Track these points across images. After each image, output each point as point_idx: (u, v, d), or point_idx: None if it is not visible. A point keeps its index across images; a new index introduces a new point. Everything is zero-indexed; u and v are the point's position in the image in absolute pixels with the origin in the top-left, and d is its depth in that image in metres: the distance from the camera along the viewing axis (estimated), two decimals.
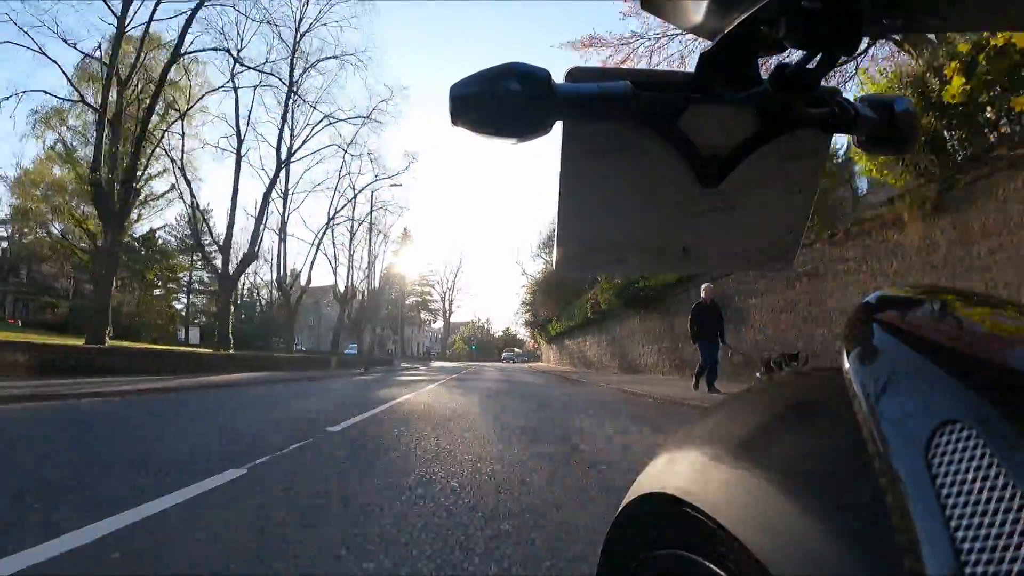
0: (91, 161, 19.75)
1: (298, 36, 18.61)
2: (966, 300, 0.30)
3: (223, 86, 18.58)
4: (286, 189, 20.37)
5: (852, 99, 0.41)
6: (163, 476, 2.45)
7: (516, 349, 65.70)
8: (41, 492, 2.16)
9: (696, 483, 0.35)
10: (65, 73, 15.01)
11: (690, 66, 0.39)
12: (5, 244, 33.73)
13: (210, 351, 14.65)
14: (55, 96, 16.84)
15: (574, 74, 0.37)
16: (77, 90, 15.46)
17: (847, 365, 0.28)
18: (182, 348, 13.91)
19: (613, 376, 14.23)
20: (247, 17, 16.66)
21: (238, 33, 17.19)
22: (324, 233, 22.74)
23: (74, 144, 24.38)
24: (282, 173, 19.86)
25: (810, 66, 0.35)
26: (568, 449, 3.50)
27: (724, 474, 0.33)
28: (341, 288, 26.44)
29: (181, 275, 29.88)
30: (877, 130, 0.41)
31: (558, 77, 0.36)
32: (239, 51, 15.32)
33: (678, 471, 0.37)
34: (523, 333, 58.08)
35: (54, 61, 14.88)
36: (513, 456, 3.23)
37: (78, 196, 23.07)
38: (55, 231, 25.82)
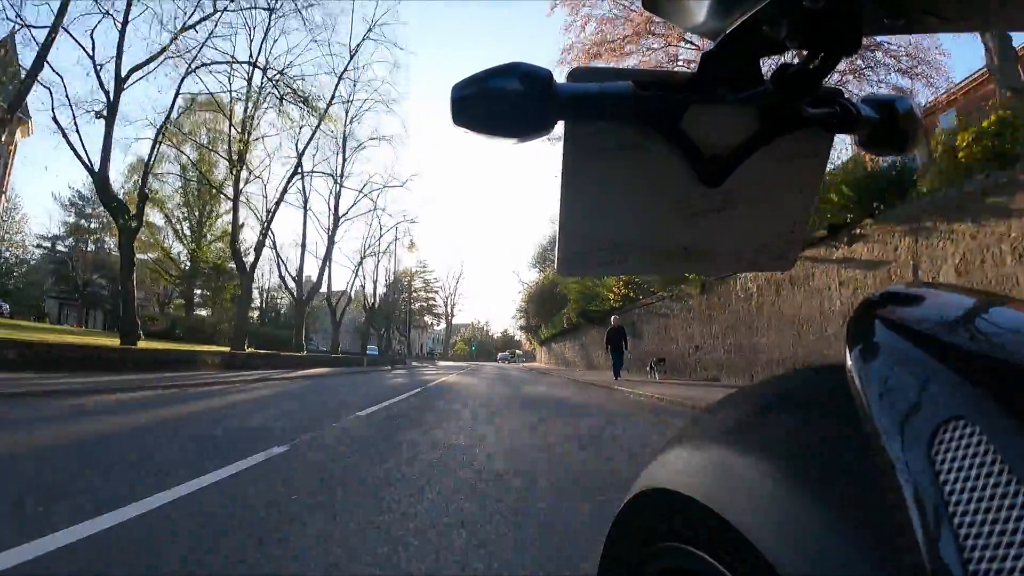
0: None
1: (346, 129, 24.73)
2: (969, 297, 0.30)
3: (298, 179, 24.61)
4: (333, 237, 26.68)
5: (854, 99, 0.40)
6: (395, 393, 8.63)
7: (517, 351, 69.99)
8: (354, 401, 8.38)
9: (699, 478, 0.35)
10: (210, 182, 21.80)
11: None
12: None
13: (291, 353, 20.84)
14: (212, 187, 23.31)
15: (576, 74, 0.38)
16: (216, 188, 22.13)
17: (850, 362, 0.28)
18: (282, 352, 20.07)
19: (576, 371, 20.42)
20: (331, 136, 22.76)
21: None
22: (360, 264, 29.41)
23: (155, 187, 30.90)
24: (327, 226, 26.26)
25: (812, 66, 0.35)
26: (517, 390, 9.70)
27: (727, 469, 0.33)
28: (362, 299, 32.87)
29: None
30: (879, 130, 0.41)
31: (559, 77, 0.36)
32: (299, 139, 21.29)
33: (681, 466, 0.38)
34: (519, 336, 64.29)
35: (195, 165, 21.42)
36: (498, 391, 9.42)
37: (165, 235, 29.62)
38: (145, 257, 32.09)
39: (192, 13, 14.63)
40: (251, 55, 17.14)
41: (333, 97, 20.74)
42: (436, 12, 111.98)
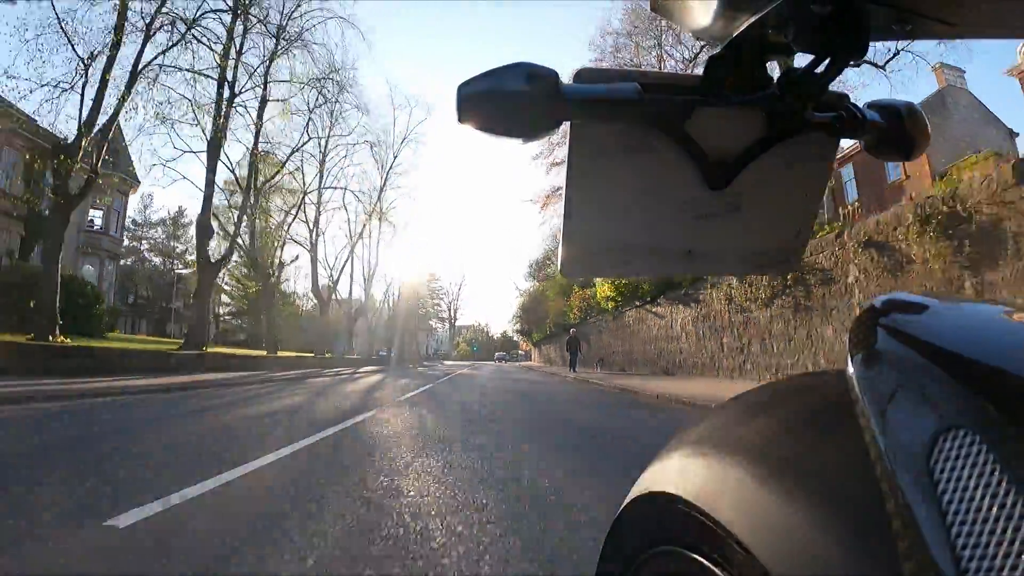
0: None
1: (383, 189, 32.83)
2: (973, 305, 0.29)
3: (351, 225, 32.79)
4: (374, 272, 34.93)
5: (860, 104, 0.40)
6: (442, 376, 16.67)
7: (518, 352, 75.77)
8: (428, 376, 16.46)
9: (697, 483, 0.35)
10: (282, 227, 29.75)
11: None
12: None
13: (346, 356, 28.87)
14: (284, 232, 31.29)
15: (582, 75, 0.38)
16: (285, 232, 30.18)
17: (851, 369, 0.28)
18: (345, 356, 28.11)
19: (554, 367, 28.42)
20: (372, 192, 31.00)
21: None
22: (389, 288, 37.91)
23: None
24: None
25: (818, 71, 0.35)
26: (506, 375, 17.71)
27: (726, 474, 0.33)
28: (384, 310, 41.17)
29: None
30: (885, 135, 0.41)
31: (566, 78, 0.37)
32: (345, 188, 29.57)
33: (680, 471, 0.38)
34: (517, 338, 72.02)
35: (262, 208, 29.38)
36: (495, 374, 17.43)
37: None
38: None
39: (299, 138, 22.98)
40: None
41: (383, 187, 29.09)
42: (438, 9, 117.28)
